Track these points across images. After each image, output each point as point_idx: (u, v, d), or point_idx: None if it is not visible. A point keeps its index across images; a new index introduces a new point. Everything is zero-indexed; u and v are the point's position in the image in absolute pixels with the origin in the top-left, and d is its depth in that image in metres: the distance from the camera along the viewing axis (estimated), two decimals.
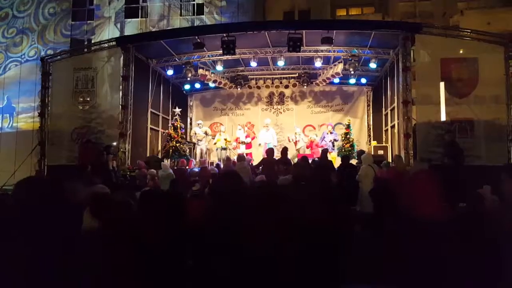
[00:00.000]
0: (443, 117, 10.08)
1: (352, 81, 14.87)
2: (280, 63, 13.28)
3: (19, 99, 19.70)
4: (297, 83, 15.42)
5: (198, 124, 14.20)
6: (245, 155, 12.18)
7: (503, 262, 1.86)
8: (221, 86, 15.18)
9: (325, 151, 9.82)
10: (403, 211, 2.09)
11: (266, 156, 10.25)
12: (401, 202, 2.17)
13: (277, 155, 12.79)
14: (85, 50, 13.60)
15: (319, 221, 2.35)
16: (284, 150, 9.83)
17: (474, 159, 9.58)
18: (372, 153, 11.72)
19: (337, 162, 11.41)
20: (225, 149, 13.59)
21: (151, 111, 13.93)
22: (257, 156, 13.23)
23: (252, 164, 10.86)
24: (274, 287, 2.15)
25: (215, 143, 13.93)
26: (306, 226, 2.27)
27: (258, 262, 2.10)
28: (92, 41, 17.97)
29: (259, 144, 14.14)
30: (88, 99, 11.70)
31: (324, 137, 13.44)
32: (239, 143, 14.26)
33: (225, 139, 13.74)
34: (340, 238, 2.55)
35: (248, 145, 14.61)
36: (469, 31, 10.70)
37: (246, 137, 14.61)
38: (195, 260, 2.47)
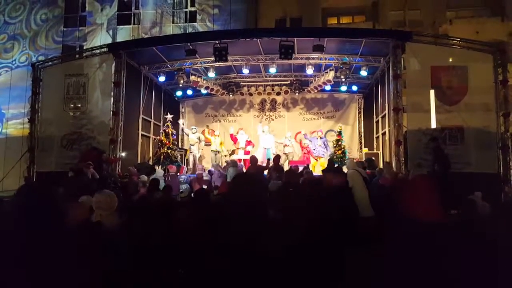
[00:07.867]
0: (433, 125, 10.18)
1: (343, 88, 14.97)
2: (272, 70, 13.35)
3: (9, 105, 19.48)
4: (289, 90, 15.49)
5: (192, 129, 14.14)
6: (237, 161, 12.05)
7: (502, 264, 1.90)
8: (213, 92, 15.19)
9: (330, 161, 10.04)
10: (403, 214, 2.08)
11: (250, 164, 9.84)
12: (401, 205, 2.16)
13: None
14: (77, 56, 13.52)
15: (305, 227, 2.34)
16: (277, 158, 9.87)
17: (464, 166, 9.69)
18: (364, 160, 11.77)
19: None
20: (218, 152, 13.54)
21: (142, 118, 13.87)
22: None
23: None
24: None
25: (209, 145, 13.87)
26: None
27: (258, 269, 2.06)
28: (84, 48, 17.88)
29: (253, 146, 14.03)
30: (79, 105, 11.64)
31: (313, 143, 13.53)
32: (238, 148, 13.78)
33: (221, 142, 13.74)
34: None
35: (247, 152, 13.78)
36: (459, 39, 10.82)
37: (247, 144, 13.89)
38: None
